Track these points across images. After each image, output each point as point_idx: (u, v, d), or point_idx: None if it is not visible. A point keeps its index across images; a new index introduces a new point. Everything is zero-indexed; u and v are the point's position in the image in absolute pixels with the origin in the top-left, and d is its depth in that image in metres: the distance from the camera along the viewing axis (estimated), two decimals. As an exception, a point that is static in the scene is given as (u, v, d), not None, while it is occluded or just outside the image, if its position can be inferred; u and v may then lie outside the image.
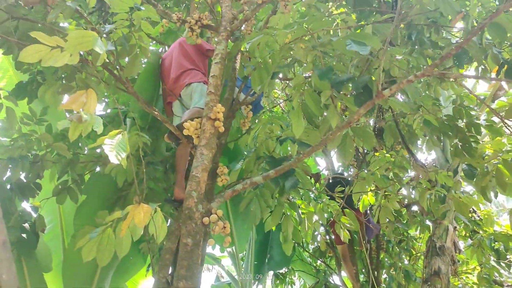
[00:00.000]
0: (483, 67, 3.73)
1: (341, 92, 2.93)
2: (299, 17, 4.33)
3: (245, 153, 4.08)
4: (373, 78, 2.85)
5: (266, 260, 6.82)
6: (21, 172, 3.88)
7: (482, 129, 3.85)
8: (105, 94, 5.90)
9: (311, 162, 7.96)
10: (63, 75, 3.59)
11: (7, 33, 3.28)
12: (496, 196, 3.77)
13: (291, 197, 4.56)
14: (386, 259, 6.71)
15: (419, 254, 6.98)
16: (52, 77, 3.57)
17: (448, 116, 3.90)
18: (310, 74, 2.93)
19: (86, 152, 4.48)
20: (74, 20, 3.66)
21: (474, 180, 3.79)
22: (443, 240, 5.48)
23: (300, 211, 4.09)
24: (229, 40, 3.52)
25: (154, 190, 4.38)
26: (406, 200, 6.25)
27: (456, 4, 3.32)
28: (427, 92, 4.34)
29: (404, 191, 5.51)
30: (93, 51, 2.46)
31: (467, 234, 6.39)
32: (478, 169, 3.77)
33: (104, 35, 2.78)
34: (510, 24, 3.14)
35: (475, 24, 3.44)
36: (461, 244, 6.29)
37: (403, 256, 6.83)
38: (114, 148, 2.14)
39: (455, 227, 5.71)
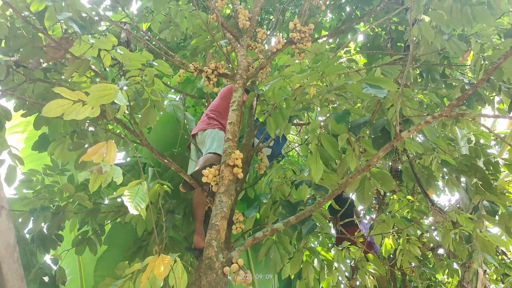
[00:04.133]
0: (503, 107, 3.73)
1: (358, 136, 2.92)
2: (311, 61, 4.42)
3: (261, 199, 4.04)
4: (386, 118, 2.85)
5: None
6: (42, 224, 3.91)
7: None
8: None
9: (326, 204, 7.85)
10: (73, 132, 3.67)
11: (25, 95, 3.42)
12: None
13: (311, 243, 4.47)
14: (414, 306, 6.42)
15: (448, 300, 6.66)
16: (60, 135, 3.66)
17: (464, 156, 3.84)
18: (325, 118, 2.94)
19: (106, 202, 4.51)
20: (89, 78, 3.79)
21: (497, 218, 3.68)
22: (473, 284, 5.23)
23: (320, 257, 3.99)
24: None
25: (174, 239, 4.34)
26: (431, 243, 6.04)
27: (461, 43, 3.36)
28: (442, 131, 4.31)
29: (428, 234, 5.34)
30: (108, 105, 2.54)
31: (499, 278, 6.10)
32: (500, 206, 3.67)
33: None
34: (510, 68, 3.19)
35: (481, 62, 3.47)
36: (493, 288, 5.99)
37: (432, 303, 6.52)
38: (134, 199, 2.15)
39: (485, 270, 5.46)
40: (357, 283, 6.70)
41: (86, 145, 3.59)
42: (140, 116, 3.29)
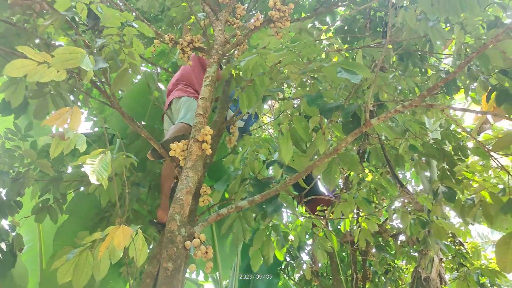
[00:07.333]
0: (475, 95, 3.80)
1: (329, 119, 2.92)
2: (289, 41, 4.37)
3: (230, 173, 4.02)
4: (358, 104, 2.86)
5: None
6: (1, 189, 3.79)
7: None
8: (93, 112, 5.87)
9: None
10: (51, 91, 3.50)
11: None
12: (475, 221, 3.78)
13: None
14: (371, 290, 6.62)
15: (405, 285, 6.89)
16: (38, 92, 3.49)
17: (436, 139, 3.92)
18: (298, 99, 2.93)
19: (70, 170, 4.39)
20: (65, 31, 3.63)
21: (453, 203, 3.79)
22: (428, 271, 5.42)
23: (281, 234, 4.01)
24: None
25: (138, 212, 4.29)
26: (394, 230, 6.21)
27: (445, 32, 3.37)
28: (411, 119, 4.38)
29: (393, 222, 5.46)
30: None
31: (454, 267, 6.34)
32: (458, 192, 3.78)
33: (95, 50, 2.76)
34: (496, 55, 3.20)
35: (464, 51, 3.50)
36: (448, 277, 6.22)
37: (389, 287, 6.73)
38: (96, 168, 2.09)
39: (441, 258, 5.66)
40: (319, 265, 6.86)
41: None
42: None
